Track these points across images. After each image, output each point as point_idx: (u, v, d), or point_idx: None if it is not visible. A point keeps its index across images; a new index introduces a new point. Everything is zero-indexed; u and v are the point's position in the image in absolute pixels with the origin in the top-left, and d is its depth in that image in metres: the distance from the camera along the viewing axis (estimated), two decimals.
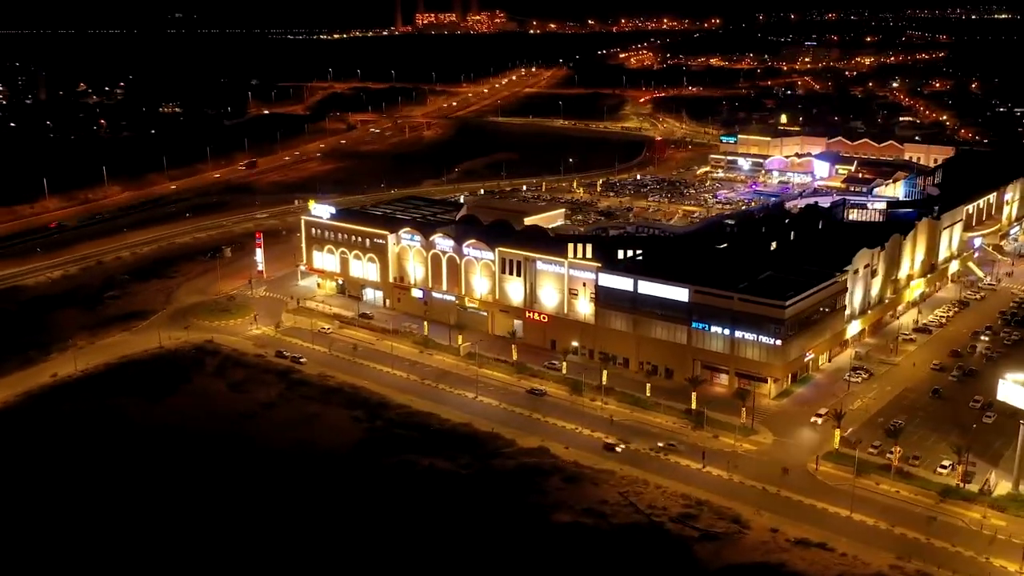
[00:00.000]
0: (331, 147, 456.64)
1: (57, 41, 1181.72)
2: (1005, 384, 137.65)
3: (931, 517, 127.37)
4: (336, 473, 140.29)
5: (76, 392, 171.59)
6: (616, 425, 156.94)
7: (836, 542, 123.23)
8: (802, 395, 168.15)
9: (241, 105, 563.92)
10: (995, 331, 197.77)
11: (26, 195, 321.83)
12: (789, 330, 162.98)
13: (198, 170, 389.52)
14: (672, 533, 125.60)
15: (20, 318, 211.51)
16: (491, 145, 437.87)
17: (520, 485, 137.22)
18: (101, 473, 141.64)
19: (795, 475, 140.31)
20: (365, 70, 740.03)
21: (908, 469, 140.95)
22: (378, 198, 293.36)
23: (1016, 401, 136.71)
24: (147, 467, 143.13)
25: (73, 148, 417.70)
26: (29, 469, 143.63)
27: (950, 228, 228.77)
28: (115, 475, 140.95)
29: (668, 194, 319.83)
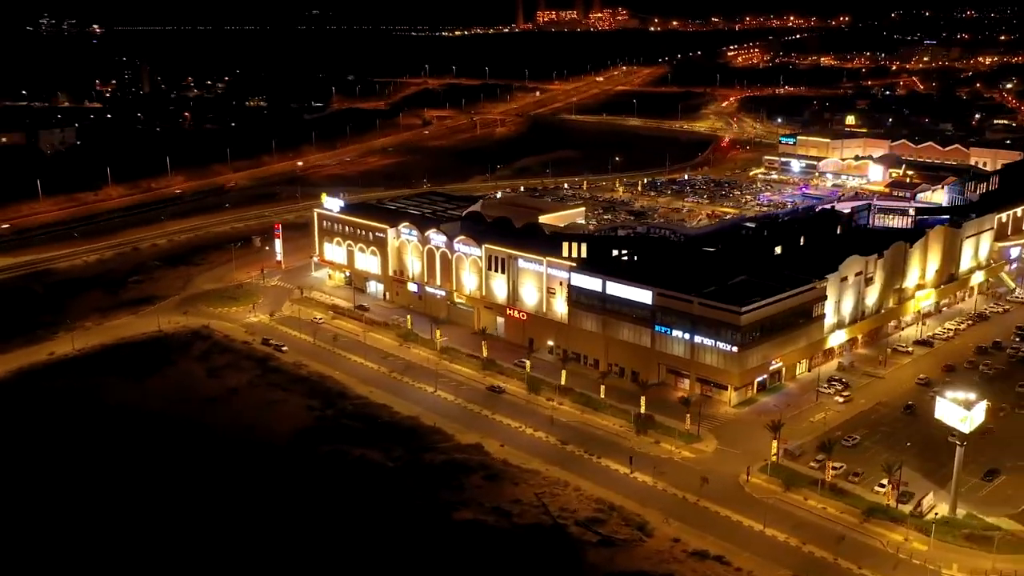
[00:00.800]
0: (400, 142, 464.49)
1: (191, 37, 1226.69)
2: (942, 403, 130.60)
3: (840, 537, 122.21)
4: (265, 460, 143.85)
5: (65, 370, 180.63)
6: (557, 425, 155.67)
7: (736, 556, 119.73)
8: (765, 404, 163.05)
9: (326, 100, 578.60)
10: (1004, 347, 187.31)
11: (93, 183, 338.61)
12: (747, 337, 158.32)
13: (263, 162, 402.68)
14: (572, 537, 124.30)
15: (43, 299, 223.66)
16: (560, 142, 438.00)
17: (439, 480, 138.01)
18: (49, 447, 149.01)
19: (724, 486, 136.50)
20: (474, 66, 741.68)
21: (843, 486, 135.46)
22: (408, 193, 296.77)
23: (951, 421, 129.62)
24: (93, 444, 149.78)
25: (154, 139, 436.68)
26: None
27: (976, 237, 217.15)
28: (62, 450, 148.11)
29: (710, 195, 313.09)
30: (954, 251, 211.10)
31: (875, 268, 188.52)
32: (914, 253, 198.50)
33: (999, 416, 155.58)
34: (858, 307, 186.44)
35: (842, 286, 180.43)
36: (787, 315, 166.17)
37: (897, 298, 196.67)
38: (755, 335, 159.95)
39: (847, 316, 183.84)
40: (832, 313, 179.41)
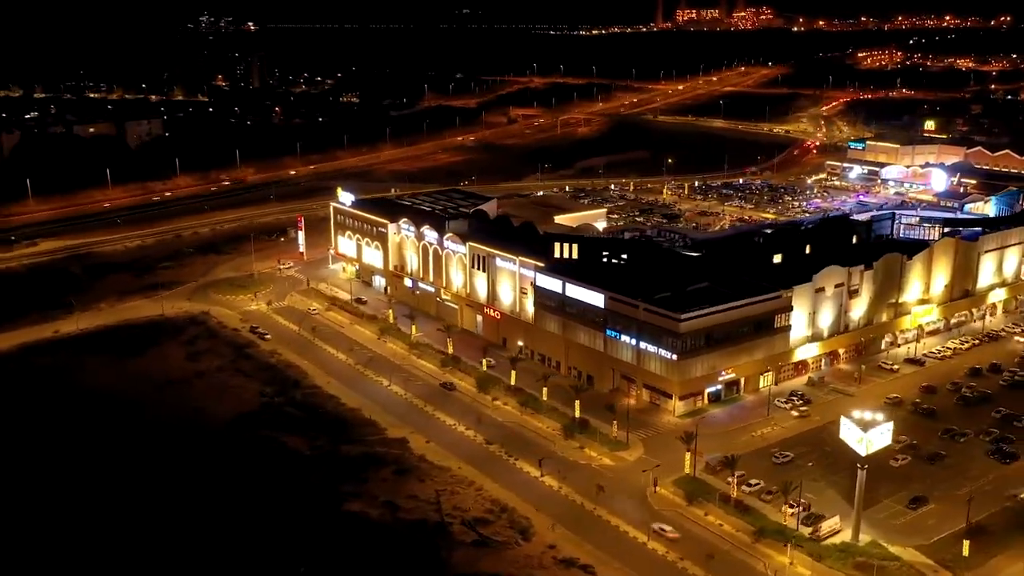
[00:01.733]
0: (478, 139, 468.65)
1: (334, 35, 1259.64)
2: (845, 423, 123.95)
3: (709, 555, 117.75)
4: (191, 443, 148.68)
5: (58, 348, 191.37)
6: (487, 424, 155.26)
7: (606, 567, 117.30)
8: (714, 416, 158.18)
9: (418, 97, 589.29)
10: (1002, 370, 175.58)
11: (163, 173, 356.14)
12: (688, 345, 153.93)
13: (336, 156, 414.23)
14: (451, 535, 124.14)
15: (75, 280, 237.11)
16: (638, 143, 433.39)
17: (348, 472, 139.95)
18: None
19: (630, 495, 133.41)
20: (602, 65, 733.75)
21: (752, 503, 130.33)
22: (430, 190, 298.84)
23: (851, 442, 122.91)
24: (35, 421, 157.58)
25: (240, 132, 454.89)
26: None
27: (999, 251, 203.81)
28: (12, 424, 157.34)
29: (760, 200, 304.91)
30: (970, 265, 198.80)
31: (861, 280, 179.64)
32: (914, 266, 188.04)
33: (959, 442, 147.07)
34: (840, 320, 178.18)
35: (817, 297, 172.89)
36: (740, 325, 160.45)
37: (893, 312, 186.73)
38: (698, 344, 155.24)
39: (825, 329, 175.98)
40: (806, 325, 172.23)
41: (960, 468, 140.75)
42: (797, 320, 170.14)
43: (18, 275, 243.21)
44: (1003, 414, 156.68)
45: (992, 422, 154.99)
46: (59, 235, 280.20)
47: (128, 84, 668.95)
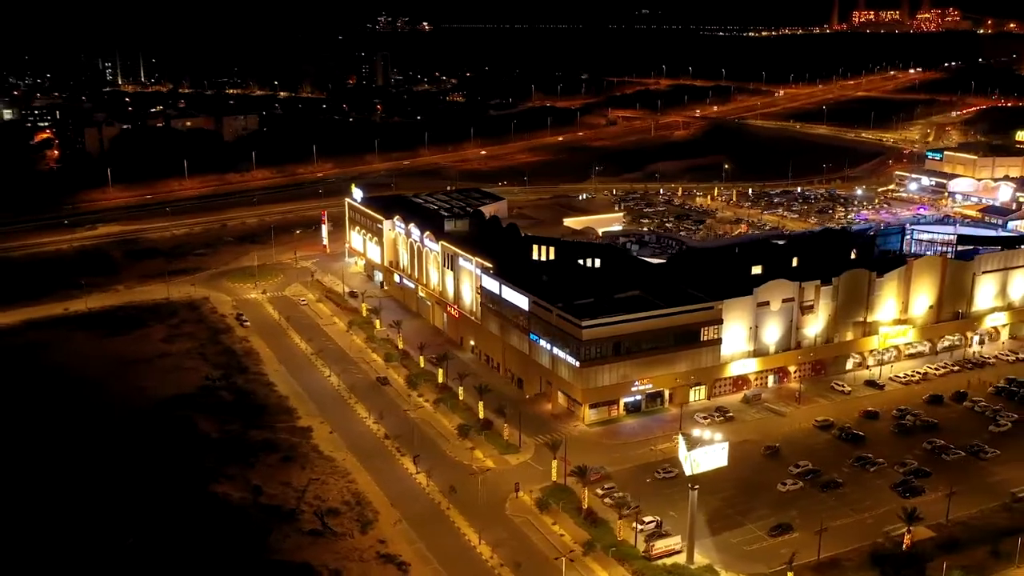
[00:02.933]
0: (568, 140, 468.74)
1: (501, 35, 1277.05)
2: (681, 441, 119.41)
3: (518, 563, 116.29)
4: (115, 420, 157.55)
5: (58, 324, 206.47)
6: (391, 419, 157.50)
7: (422, 566, 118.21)
8: (624, 427, 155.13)
9: (525, 97, 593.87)
10: (967, 398, 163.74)
11: (242, 166, 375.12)
12: (591, 352, 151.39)
13: (419, 154, 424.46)
14: (297, 522, 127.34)
15: (112, 263, 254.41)
16: (730, 148, 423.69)
17: (241, 455, 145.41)
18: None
19: (491, 499, 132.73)
20: (769, 67, 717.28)
21: (608, 516, 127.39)
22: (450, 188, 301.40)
23: (681, 459, 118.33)
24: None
25: (337, 128, 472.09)
26: None
27: (1002, 272, 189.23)
28: None
29: (806, 210, 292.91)
30: (962, 286, 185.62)
31: (817, 296, 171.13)
32: (885, 284, 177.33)
33: (868, 471, 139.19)
34: (790, 336, 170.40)
35: (761, 311, 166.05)
36: (658, 335, 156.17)
37: (861, 332, 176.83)
38: (604, 352, 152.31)
39: (772, 345, 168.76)
40: (746, 339, 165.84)
41: (852, 499, 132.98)
42: (734, 334, 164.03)
43: (66, 256, 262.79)
44: (934, 446, 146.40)
45: (919, 453, 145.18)
46: (120, 221, 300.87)
47: (265, 81, 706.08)
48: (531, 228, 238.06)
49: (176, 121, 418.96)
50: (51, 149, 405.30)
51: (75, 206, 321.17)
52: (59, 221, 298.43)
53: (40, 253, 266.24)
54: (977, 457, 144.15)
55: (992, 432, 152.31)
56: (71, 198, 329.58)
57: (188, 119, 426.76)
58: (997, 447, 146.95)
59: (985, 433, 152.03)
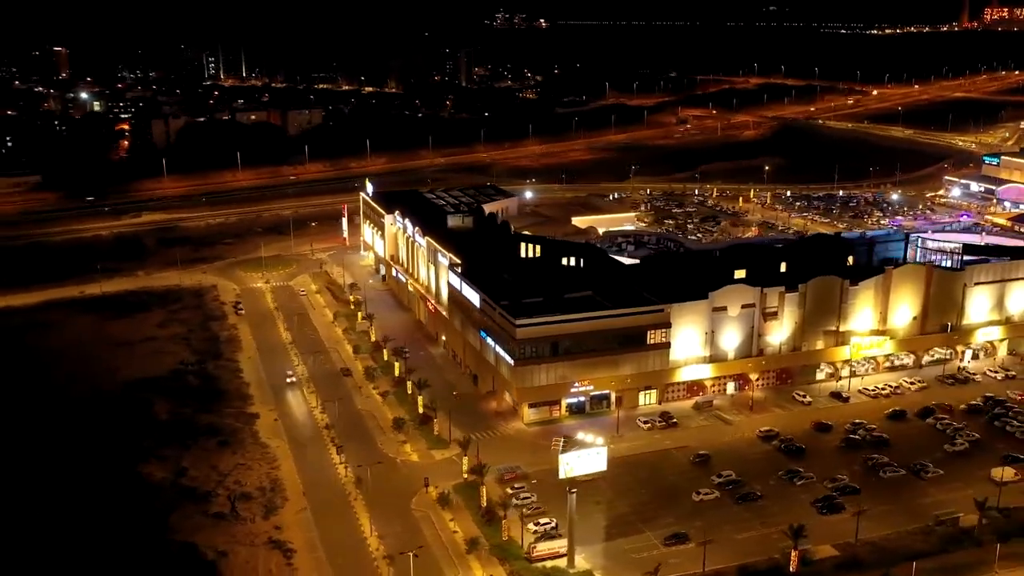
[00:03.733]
0: (629, 139, 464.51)
1: (619, 32, 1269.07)
2: (560, 444, 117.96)
3: (388, 556, 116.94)
4: (78, 399, 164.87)
5: (69, 306, 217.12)
6: (337, 409, 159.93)
7: (307, 553, 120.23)
8: (564, 427, 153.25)
9: (599, 94, 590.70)
10: (933, 415, 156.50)
11: (295, 159, 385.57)
12: (526, 351, 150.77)
13: (474, 149, 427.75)
14: (207, 505, 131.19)
15: (142, 249, 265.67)
16: (797, 148, 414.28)
17: (180, 436, 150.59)
18: None
19: (400, 493, 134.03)
20: (854, 65, 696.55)
21: (507, 516, 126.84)
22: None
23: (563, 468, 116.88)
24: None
25: (401, 123, 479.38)
26: None
27: (997, 285, 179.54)
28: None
29: (839, 214, 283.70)
30: (952, 298, 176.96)
31: (781, 302, 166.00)
32: (861, 292, 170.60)
33: (795, 485, 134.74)
34: (751, 343, 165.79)
35: (718, 316, 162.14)
36: (601, 337, 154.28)
37: (834, 341, 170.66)
38: (540, 351, 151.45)
39: (730, 351, 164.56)
40: (701, 344, 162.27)
41: (767, 512, 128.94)
42: (687, 338, 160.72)
43: (102, 242, 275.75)
44: (874, 463, 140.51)
45: (856, 469, 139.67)
46: (165, 209, 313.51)
47: (354, 76, 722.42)
48: (537, 226, 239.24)
49: (241, 115, 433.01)
50: (124, 139, 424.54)
51: (130, 194, 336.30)
52: (111, 208, 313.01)
53: (79, 238, 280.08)
54: (917, 476, 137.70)
55: (946, 451, 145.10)
56: (127, 186, 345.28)
57: (253, 113, 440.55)
58: (945, 467, 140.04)
59: (939, 452, 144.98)
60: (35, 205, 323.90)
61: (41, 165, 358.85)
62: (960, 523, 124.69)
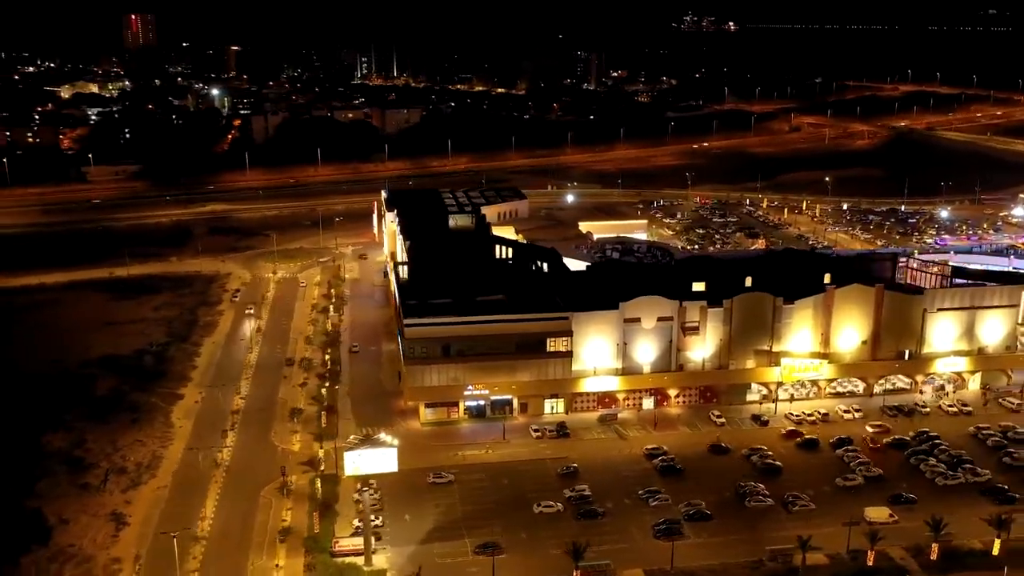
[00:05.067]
0: (723, 145, 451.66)
1: (812, 36, 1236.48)
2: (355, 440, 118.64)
3: (193, 538, 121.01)
4: (32, 372, 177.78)
5: (89, 285, 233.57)
6: (254, 395, 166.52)
7: (140, 527, 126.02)
8: (457, 429, 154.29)
9: (717, 99, 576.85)
10: (846, 447, 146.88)
11: (375, 156, 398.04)
12: (417, 352, 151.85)
13: (563, 152, 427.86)
14: (82, 475, 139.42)
15: (188, 236, 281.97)
16: (905, 160, 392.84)
17: (101, 412, 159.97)
18: None
19: (262, 479, 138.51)
20: None
21: (340, 511, 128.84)
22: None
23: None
24: None
25: (506, 124, 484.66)
26: None
27: (966, 312, 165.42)
28: None
29: (891, 229, 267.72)
30: (910, 323, 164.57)
31: (704, 317, 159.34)
32: (797, 311, 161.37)
33: (649, 505, 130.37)
34: (670, 358, 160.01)
35: (631, 328, 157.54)
36: (496, 341, 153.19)
37: (768, 361, 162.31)
38: (432, 352, 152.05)
39: (645, 364, 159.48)
40: (612, 356, 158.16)
41: (601, 530, 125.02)
42: (596, 348, 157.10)
43: (160, 228, 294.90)
44: (744, 490, 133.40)
45: (727, 496, 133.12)
46: (231, 200, 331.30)
47: (488, 77, 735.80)
48: (540, 230, 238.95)
49: (339, 113, 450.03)
50: (230, 134, 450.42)
51: (213, 184, 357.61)
52: (186, 197, 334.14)
53: (142, 224, 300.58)
54: (785, 508, 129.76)
55: (837, 485, 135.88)
56: (215, 177, 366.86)
57: (351, 111, 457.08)
58: (825, 502, 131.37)
59: (827, 485, 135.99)
60: (124, 192, 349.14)
61: (145, 155, 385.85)
62: (792, 560, 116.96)
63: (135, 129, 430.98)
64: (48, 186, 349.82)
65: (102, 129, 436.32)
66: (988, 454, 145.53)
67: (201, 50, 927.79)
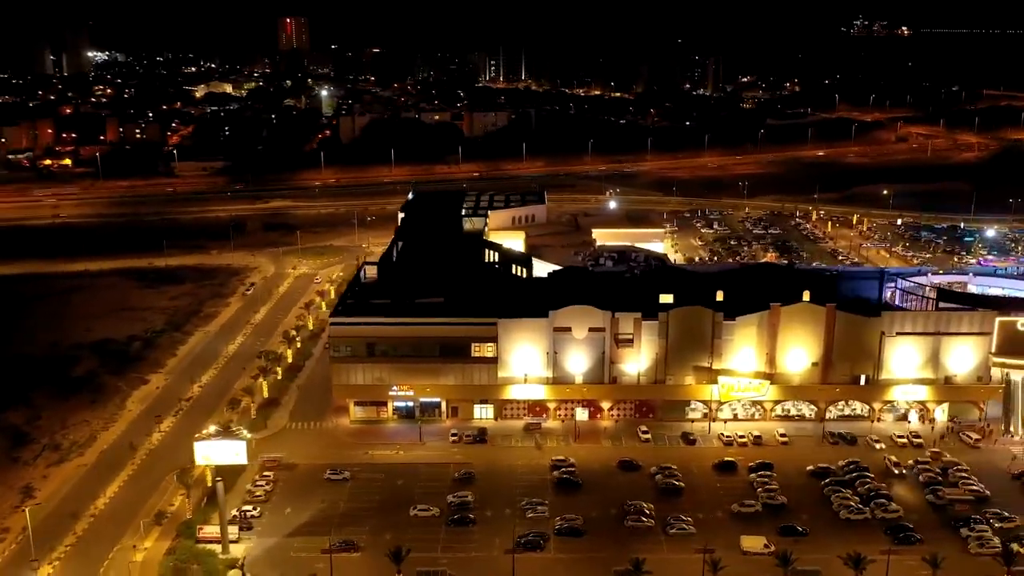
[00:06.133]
0: (822, 155, 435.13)
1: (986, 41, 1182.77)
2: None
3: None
4: (31, 352, 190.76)
5: (125, 273, 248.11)
6: (215, 384, 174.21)
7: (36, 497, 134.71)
8: (381, 429, 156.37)
9: (829, 106, 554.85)
10: (758, 473, 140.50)
11: (451, 159, 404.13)
12: (340, 350, 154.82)
13: (643, 158, 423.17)
14: (21, 448, 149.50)
15: (240, 231, 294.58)
16: (1014, 174, 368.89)
17: (68, 390, 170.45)
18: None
19: (169, 466, 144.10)
20: None
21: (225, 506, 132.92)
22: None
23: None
24: None
25: (593, 128, 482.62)
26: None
27: (930, 339, 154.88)
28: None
29: (931, 246, 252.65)
30: (867, 347, 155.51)
31: (638, 330, 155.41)
32: (739, 329, 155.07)
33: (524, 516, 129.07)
34: (603, 370, 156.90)
35: (561, 337, 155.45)
36: (420, 344, 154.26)
37: (707, 379, 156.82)
38: (357, 351, 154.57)
39: (577, 375, 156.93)
40: (543, 365, 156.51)
41: (467, 537, 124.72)
42: (525, 356, 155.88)
43: (217, 222, 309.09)
44: (630, 509, 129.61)
45: (612, 513, 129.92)
46: (293, 197, 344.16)
47: (607, 80, 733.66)
48: (551, 236, 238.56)
49: (426, 115, 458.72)
50: (321, 133, 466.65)
51: (287, 181, 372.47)
52: (254, 193, 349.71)
53: (203, 218, 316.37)
54: (664, 531, 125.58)
55: (730, 511, 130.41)
56: (292, 175, 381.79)
57: (437, 113, 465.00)
58: (710, 526, 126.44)
59: (720, 511, 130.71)
60: (202, 187, 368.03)
61: (233, 153, 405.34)
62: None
63: (233, 128, 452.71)
64: (137, 179, 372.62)
65: (205, 127, 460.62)
66: (917, 490, 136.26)
67: (344, 52, 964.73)
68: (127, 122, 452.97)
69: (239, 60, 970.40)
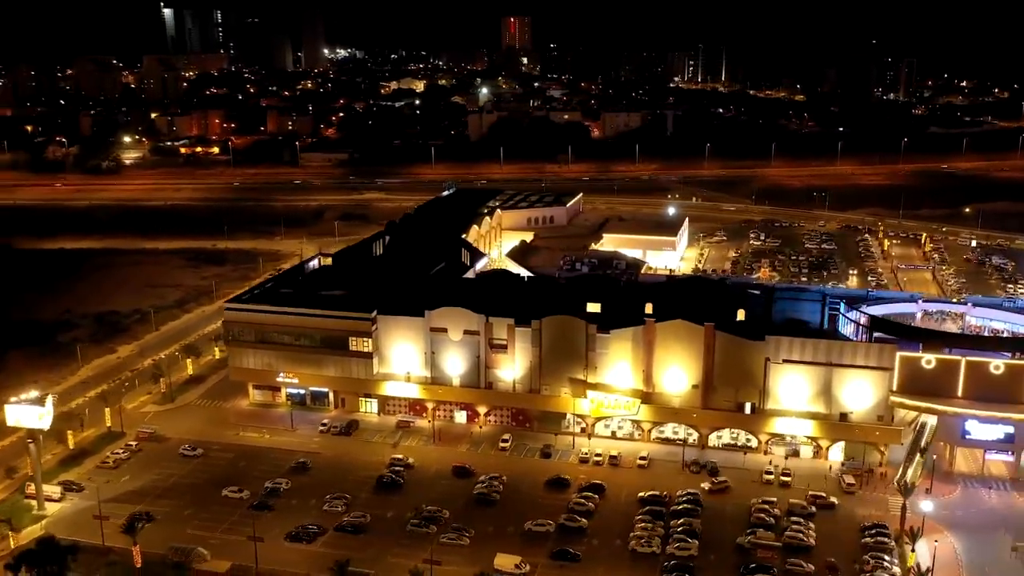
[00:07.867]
0: (970, 168, 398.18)
1: None
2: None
3: None
4: (41, 317, 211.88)
5: (181, 253, 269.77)
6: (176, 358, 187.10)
7: None
8: (270, 413, 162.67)
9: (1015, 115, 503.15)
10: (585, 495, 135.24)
11: (561, 157, 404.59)
12: (232, 334, 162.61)
13: (764, 164, 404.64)
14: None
15: (315, 220, 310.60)
16: None
17: (47, 352, 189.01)
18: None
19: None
20: None
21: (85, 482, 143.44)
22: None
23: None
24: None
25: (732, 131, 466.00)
26: None
27: (823, 369, 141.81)
28: None
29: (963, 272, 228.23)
30: (750, 373, 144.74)
31: (512, 336, 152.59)
32: (614, 342, 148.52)
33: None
34: (479, 374, 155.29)
35: (438, 338, 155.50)
36: (303, 334, 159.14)
37: (583, 392, 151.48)
38: (246, 336, 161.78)
39: (455, 377, 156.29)
40: (421, 364, 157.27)
41: (259, 521, 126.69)
42: (403, 354, 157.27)
43: (303, 210, 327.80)
44: (428, 515, 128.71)
45: (408, 516, 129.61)
46: (385, 191, 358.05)
47: (792, 84, 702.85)
48: (554, 239, 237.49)
49: (556, 114, 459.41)
50: (453, 131, 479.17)
51: (399, 175, 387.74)
52: (356, 185, 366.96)
53: (293, 206, 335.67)
54: (459, 540, 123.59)
55: (525, 528, 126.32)
56: (403, 168, 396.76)
57: (567, 113, 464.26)
58: (490, 539, 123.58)
59: (514, 527, 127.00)
60: (315, 177, 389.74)
61: (360, 145, 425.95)
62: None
63: (376, 122, 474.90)
64: (263, 167, 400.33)
65: (351, 121, 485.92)
66: (739, 529, 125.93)
67: (558, 51, 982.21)
68: (283, 114, 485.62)
69: (464, 58, 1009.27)
